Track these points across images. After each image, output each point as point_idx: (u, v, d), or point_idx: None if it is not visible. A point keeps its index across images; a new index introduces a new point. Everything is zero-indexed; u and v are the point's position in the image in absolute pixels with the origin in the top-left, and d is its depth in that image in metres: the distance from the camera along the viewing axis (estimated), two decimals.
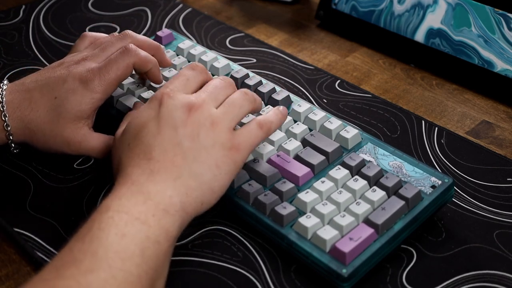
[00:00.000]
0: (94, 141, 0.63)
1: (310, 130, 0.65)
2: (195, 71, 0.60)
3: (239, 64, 0.80)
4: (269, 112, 0.61)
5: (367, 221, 0.55)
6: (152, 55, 0.68)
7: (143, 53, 0.65)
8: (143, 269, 0.48)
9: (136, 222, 0.49)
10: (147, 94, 0.70)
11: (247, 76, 0.73)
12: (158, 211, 0.51)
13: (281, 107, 0.62)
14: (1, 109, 0.62)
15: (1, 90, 0.63)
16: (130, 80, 0.73)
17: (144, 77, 0.71)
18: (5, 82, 0.64)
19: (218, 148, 0.55)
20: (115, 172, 0.56)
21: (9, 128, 0.62)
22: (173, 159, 0.53)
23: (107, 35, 0.70)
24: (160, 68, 0.72)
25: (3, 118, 0.62)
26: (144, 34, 0.89)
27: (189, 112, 0.55)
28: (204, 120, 0.55)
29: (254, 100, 0.60)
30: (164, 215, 0.51)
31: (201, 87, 0.60)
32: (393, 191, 0.58)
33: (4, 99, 0.62)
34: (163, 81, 0.72)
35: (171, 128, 0.54)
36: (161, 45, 0.70)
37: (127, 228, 0.49)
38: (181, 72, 0.60)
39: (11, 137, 0.63)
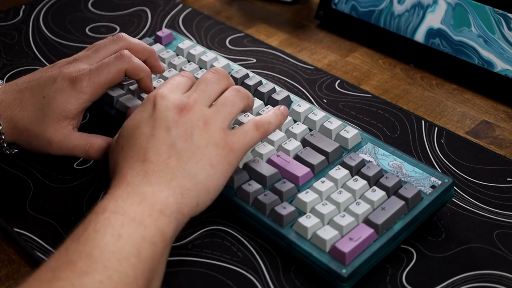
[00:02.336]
0: (76, 140, 0.62)
1: (310, 130, 0.65)
2: (185, 77, 0.60)
3: (239, 64, 0.80)
4: (269, 112, 0.61)
5: (367, 221, 0.55)
6: (145, 59, 0.68)
7: (136, 60, 0.65)
8: (139, 269, 0.48)
9: (132, 223, 0.49)
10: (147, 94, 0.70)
11: (247, 76, 0.73)
12: (154, 211, 0.51)
13: (282, 107, 0.62)
14: None
15: None
16: (129, 80, 0.72)
17: None
18: (0, 82, 0.65)
19: (212, 147, 0.55)
20: (111, 174, 0.56)
21: (0, 128, 0.63)
22: (167, 161, 0.53)
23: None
24: (154, 75, 0.72)
25: None
26: (144, 34, 0.89)
27: (181, 113, 0.55)
28: (197, 121, 0.55)
29: (247, 96, 0.60)
30: (159, 215, 0.51)
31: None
32: (393, 191, 0.58)
33: None
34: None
35: (164, 129, 0.54)
36: (155, 51, 0.69)
37: (123, 229, 0.49)
38: (172, 77, 0.60)
39: (3, 137, 0.63)
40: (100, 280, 0.46)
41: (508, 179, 0.65)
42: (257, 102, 0.67)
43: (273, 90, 0.70)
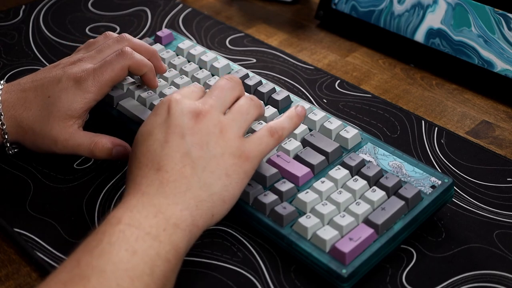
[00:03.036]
0: (81, 138, 0.62)
1: (310, 130, 0.65)
2: (198, 87, 0.59)
3: (239, 64, 0.80)
4: (283, 116, 0.59)
5: (367, 221, 0.55)
6: (148, 60, 0.68)
7: (138, 56, 0.65)
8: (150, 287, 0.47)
9: (147, 237, 0.49)
10: (146, 94, 0.70)
11: (247, 76, 0.73)
12: (169, 225, 0.50)
13: (299, 107, 0.60)
14: None
15: None
16: (130, 80, 0.72)
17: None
18: (2, 82, 0.65)
19: (228, 156, 0.54)
20: (126, 180, 0.55)
21: (4, 127, 0.63)
22: (182, 170, 0.52)
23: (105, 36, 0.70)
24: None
25: None
26: (144, 34, 0.89)
27: (196, 119, 0.54)
28: (213, 128, 0.54)
29: (260, 105, 0.59)
30: (174, 230, 0.50)
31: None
32: (393, 191, 0.58)
33: (0, 99, 0.63)
34: (166, 82, 0.72)
35: (178, 136, 0.53)
36: (157, 51, 0.69)
37: (137, 244, 0.48)
38: (186, 86, 0.59)
39: (6, 136, 0.63)
40: None
41: (508, 179, 0.65)
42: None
43: (273, 90, 0.70)
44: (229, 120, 0.55)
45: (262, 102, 0.61)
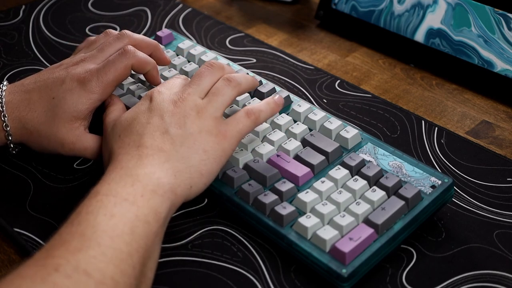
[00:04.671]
0: (88, 141, 0.63)
1: (310, 130, 0.65)
2: (180, 79, 0.63)
3: (239, 64, 0.80)
4: (262, 102, 0.62)
5: (367, 221, 0.55)
6: (150, 54, 0.68)
7: (141, 54, 0.65)
8: (133, 247, 0.48)
9: (125, 203, 0.50)
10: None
11: None
12: (147, 192, 0.52)
13: (277, 96, 0.63)
14: (1, 109, 0.62)
15: (1, 91, 0.63)
16: (130, 80, 0.73)
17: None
18: (5, 83, 0.65)
19: (205, 134, 0.57)
20: (106, 162, 0.58)
21: (8, 128, 0.63)
22: (161, 145, 0.55)
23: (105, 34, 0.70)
24: (160, 67, 0.72)
25: (2, 118, 0.62)
26: (144, 34, 0.89)
27: (175, 104, 0.58)
28: (190, 110, 0.57)
29: (239, 84, 0.61)
30: (152, 195, 0.52)
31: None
32: (393, 191, 0.58)
33: (4, 100, 0.63)
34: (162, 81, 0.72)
35: (159, 118, 0.57)
36: (159, 44, 0.70)
37: (115, 208, 0.50)
38: (169, 80, 0.63)
39: (10, 137, 0.63)
40: (94, 255, 0.47)
41: (508, 179, 0.65)
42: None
43: (273, 90, 0.70)
44: (205, 103, 0.59)
45: (246, 76, 0.62)
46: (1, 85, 0.64)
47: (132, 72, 0.65)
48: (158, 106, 0.58)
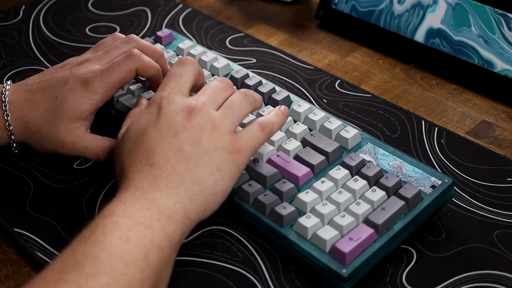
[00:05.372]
0: (88, 142, 0.63)
1: (310, 130, 0.65)
2: (186, 66, 0.60)
3: (239, 64, 0.80)
4: (271, 113, 0.61)
5: (367, 221, 0.55)
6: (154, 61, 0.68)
7: (146, 58, 0.64)
8: (146, 274, 0.48)
9: (140, 227, 0.49)
10: (147, 94, 0.70)
11: (247, 76, 0.73)
12: (162, 217, 0.51)
13: (283, 107, 0.62)
14: (4, 108, 0.62)
15: (4, 90, 0.63)
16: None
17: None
18: (9, 82, 0.65)
19: (220, 152, 0.55)
20: (118, 176, 0.56)
21: (11, 128, 0.63)
22: (175, 165, 0.53)
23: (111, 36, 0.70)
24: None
25: (5, 118, 0.62)
26: (144, 34, 0.89)
27: (189, 116, 0.55)
28: (205, 124, 0.55)
29: (255, 100, 0.60)
30: (167, 221, 0.51)
31: (195, 80, 0.60)
32: (393, 191, 0.58)
33: (7, 99, 0.63)
34: None
35: (171, 133, 0.54)
36: (163, 53, 0.69)
37: (131, 233, 0.49)
38: (173, 70, 0.60)
39: (12, 137, 0.63)
40: (107, 283, 0.46)
41: (508, 179, 0.65)
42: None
43: (273, 90, 0.70)
44: (221, 116, 0.56)
45: (258, 95, 0.61)
46: (5, 84, 0.64)
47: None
48: (169, 119, 0.55)
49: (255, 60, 0.83)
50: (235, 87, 0.74)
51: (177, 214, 0.52)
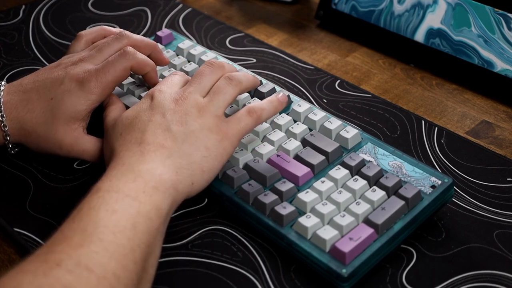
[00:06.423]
0: (86, 143, 0.63)
1: (310, 130, 0.65)
2: (178, 75, 0.63)
3: (239, 64, 0.80)
4: (264, 100, 0.62)
5: (367, 221, 0.55)
6: (149, 54, 0.69)
7: (141, 56, 0.65)
8: (135, 242, 0.49)
9: (127, 199, 0.51)
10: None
11: None
12: (149, 188, 0.52)
13: (281, 94, 0.63)
14: None
15: None
16: (129, 80, 0.73)
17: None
18: (3, 83, 0.64)
19: (206, 132, 0.57)
20: (107, 160, 0.58)
21: (6, 129, 0.62)
22: (163, 142, 0.55)
23: (100, 28, 0.70)
24: (159, 67, 0.72)
25: (0, 119, 0.62)
26: (144, 34, 0.89)
27: (176, 103, 0.58)
28: (191, 108, 0.58)
29: (240, 82, 0.61)
30: (154, 191, 0.52)
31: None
32: (393, 191, 0.58)
33: (2, 100, 0.62)
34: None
35: (160, 115, 0.57)
36: (158, 44, 0.70)
37: (117, 204, 0.50)
38: (168, 77, 0.63)
39: (8, 138, 0.63)
40: (96, 251, 0.47)
41: (508, 179, 0.65)
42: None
43: (273, 90, 0.70)
44: (206, 102, 0.59)
45: (247, 75, 0.62)
46: None
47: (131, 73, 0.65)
48: (159, 104, 0.58)
49: (255, 60, 0.83)
50: (230, 62, 0.74)
51: (163, 185, 0.53)
